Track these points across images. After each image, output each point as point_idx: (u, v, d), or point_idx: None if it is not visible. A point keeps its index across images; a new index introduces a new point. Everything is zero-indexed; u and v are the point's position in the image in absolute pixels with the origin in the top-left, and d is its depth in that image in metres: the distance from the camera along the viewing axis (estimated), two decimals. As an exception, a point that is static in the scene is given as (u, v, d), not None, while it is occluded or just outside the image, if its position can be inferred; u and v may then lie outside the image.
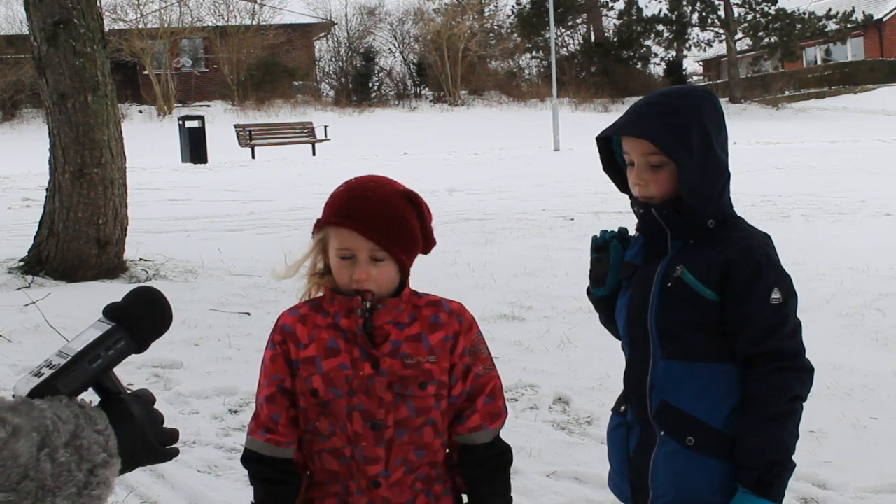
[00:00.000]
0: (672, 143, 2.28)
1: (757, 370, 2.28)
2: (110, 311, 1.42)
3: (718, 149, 2.35)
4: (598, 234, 2.56)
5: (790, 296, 2.32)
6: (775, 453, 2.25)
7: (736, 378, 2.32)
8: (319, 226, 2.19)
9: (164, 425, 1.46)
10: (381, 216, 2.12)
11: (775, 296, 2.29)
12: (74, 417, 1.27)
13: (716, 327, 2.32)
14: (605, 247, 2.53)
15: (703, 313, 2.32)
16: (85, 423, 1.27)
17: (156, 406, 1.47)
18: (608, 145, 2.50)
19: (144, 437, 1.38)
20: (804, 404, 2.32)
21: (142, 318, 1.43)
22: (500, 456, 2.29)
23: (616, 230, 2.56)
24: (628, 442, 2.47)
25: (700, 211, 2.33)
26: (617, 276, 2.51)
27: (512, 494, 2.31)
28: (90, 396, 1.36)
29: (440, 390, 2.20)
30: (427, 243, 2.24)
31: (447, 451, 2.30)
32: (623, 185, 2.49)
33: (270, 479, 2.21)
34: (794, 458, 2.32)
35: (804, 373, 2.31)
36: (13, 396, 1.30)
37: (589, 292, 2.61)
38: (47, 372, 1.32)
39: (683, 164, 2.28)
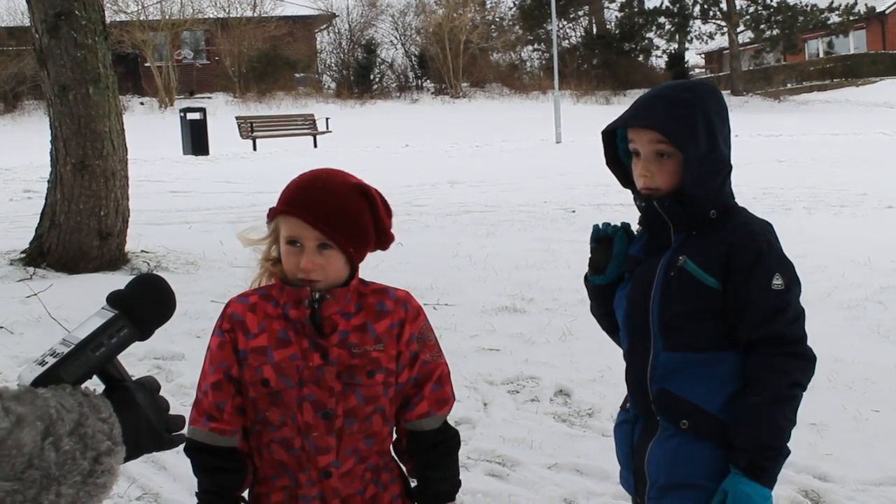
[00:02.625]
0: (679, 133, 2.30)
1: (757, 354, 2.28)
2: (113, 299, 1.42)
3: (722, 142, 2.37)
4: (601, 225, 2.56)
5: (793, 282, 2.32)
6: (770, 437, 2.24)
7: (736, 366, 2.32)
8: (271, 215, 2.22)
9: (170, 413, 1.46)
10: (327, 206, 2.14)
11: (777, 281, 2.29)
12: (78, 406, 1.27)
13: (717, 316, 2.33)
14: (607, 239, 2.53)
15: (705, 302, 2.32)
16: (89, 412, 1.27)
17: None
18: (612, 140, 2.50)
19: (149, 424, 1.38)
20: (804, 393, 2.32)
21: (145, 306, 1.42)
22: (448, 441, 2.33)
23: (619, 224, 2.56)
24: (632, 436, 2.48)
25: (701, 200, 2.34)
26: (619, 268, 2.51)
27: (515, 487, 2.32)
28: (94, 385, 1.36)
29: (388, 378, 2.22)
30: (381, 237, 2.25)
31: (394, 438, 2.33)
32: (626, 181, 2.50)
33: (215, 467, 2.22)
34: (795, 449, 2.33)
35: (805, 360, 2.30)
36: (17, 385, 1.30)
37: (586, 279, 2.61)
38: (51, 360, 1.32)
39: (689, 154, 2.30)
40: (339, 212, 2.14)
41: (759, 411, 2.25)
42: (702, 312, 2.33)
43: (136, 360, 5.70)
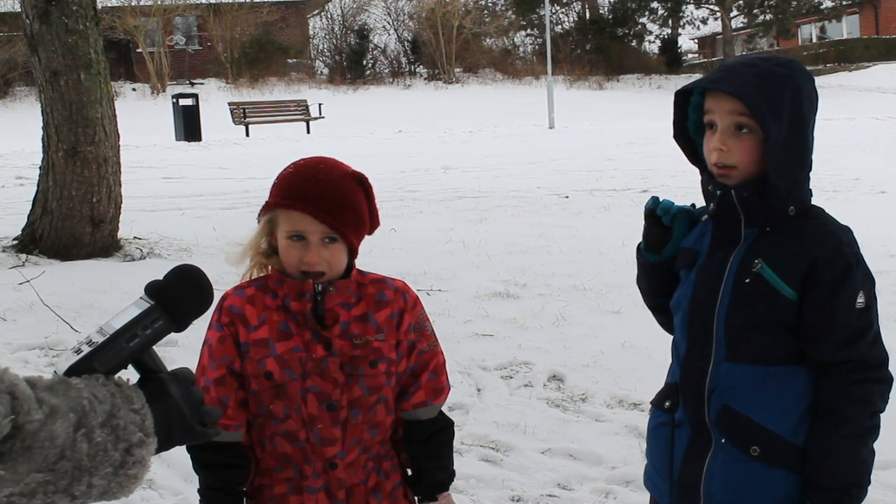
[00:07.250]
0: (763, 106, 2.07)
1: (836, 381, 2.10)
2: (151, 290, 1.40)
3: (809, 131, 2.16)
4: (659, 202, 2.32)
5: (872, 300, 2.16)
6: (857, 475, 2.10)
7: (806, 382, 2.15)
8: (268, 207, 2.18)
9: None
10: (332, 199, 2.12)
11: (860, 300, 2.12)
12: (111, 396, 1.27)
13: (790, 329, 2.14)
14: (659, 219, 2.30)
15: (778, 313, 2.13)
16: (121, 402, 1.28)
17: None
18: (683, 110, 2.28)
19: (181, 415, 1.37)
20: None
21: (181, 298, 1.41)
22: (444, 431, 2.33)
23: (680, 207, 2.33)
24: (673, 442, 2.27)
25: (783, 193, 2.12)
26: (675, 249, 2.31)
27: (509, 472, 2.33)
28: (130, 374, 1.36)
29: (390, 367, 2.22)
30: (372, 224, 2.26)
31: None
32: (693, 158, 2.29)
33: (219, 464, 2.20)
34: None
35: (885, 384, 2.14)
36: (53, 374, 1.30)
37: (639, 251, 2.38)
38: (86, 349, 1.31)
39: (771, 134, 2.08)
40: (343, 204, 2.13)
41: (844, 448, 2.09)
42: (774, 324, 2.14)
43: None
